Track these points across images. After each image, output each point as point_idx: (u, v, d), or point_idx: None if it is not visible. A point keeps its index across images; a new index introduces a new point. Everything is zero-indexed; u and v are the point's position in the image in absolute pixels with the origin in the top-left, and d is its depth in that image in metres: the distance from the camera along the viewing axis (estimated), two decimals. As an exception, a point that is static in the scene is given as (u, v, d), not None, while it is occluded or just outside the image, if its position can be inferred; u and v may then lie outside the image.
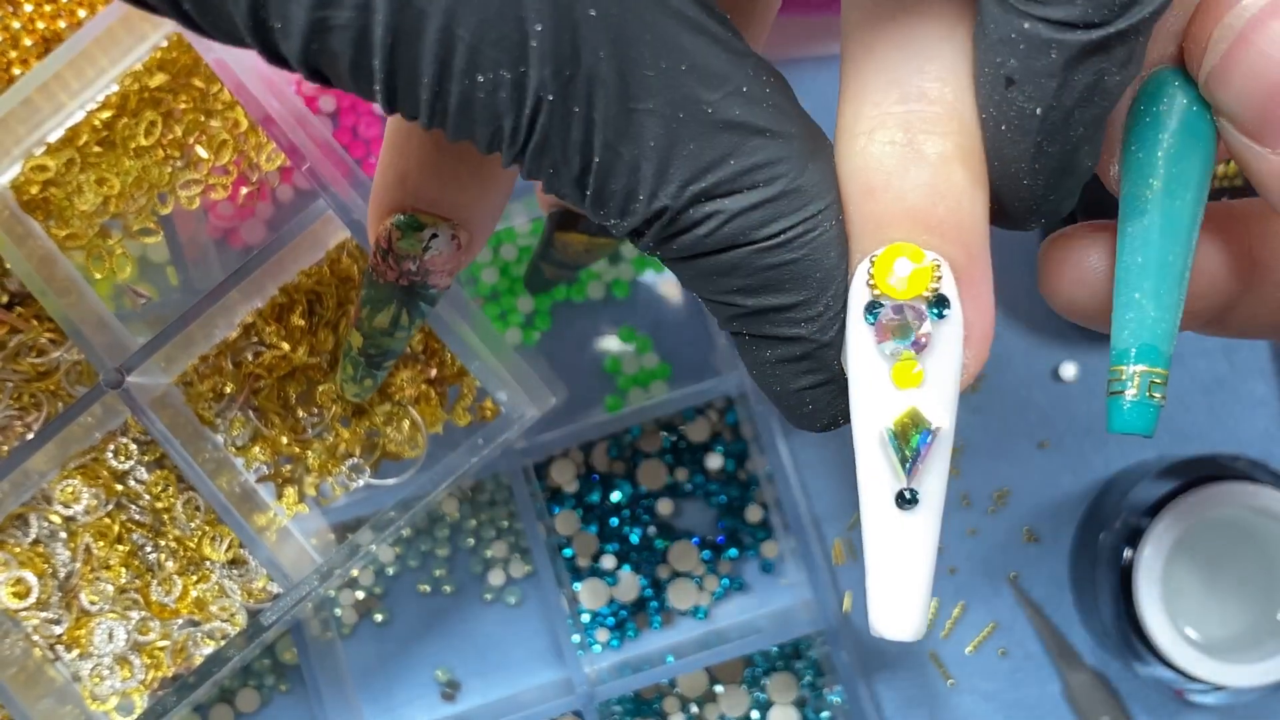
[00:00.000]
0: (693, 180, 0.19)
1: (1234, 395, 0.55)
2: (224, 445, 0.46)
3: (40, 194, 0.46)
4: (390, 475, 0.47)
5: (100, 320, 0.45)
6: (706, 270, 0.21)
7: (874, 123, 0.20)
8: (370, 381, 0.38)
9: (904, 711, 0.54)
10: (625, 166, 0.19)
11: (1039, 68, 0.19)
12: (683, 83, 0.19)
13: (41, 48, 0.46)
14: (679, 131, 0.19)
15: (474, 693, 0.55)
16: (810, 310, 0.21)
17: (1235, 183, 0.52)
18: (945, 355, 0.21)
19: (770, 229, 0.20)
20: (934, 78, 0.20)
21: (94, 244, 0.46)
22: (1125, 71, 0.19)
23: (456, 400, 0.46)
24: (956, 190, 0.20)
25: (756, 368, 0.22)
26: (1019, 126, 0.20)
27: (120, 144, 0.46)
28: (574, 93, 0.18)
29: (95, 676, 0.46)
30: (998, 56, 0.20)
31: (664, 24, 0.18)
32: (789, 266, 0.20)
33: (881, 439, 0.21)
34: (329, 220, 0.43)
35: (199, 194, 0.46)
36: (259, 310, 0.46)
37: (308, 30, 0.18)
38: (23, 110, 0.43)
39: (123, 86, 0.45)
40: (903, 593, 0.21)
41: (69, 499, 0.46)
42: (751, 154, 0.19)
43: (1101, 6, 0.18)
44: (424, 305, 0.33)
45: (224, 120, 0.46)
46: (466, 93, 0.18)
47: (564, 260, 0.46)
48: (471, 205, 0.30)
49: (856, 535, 0.55)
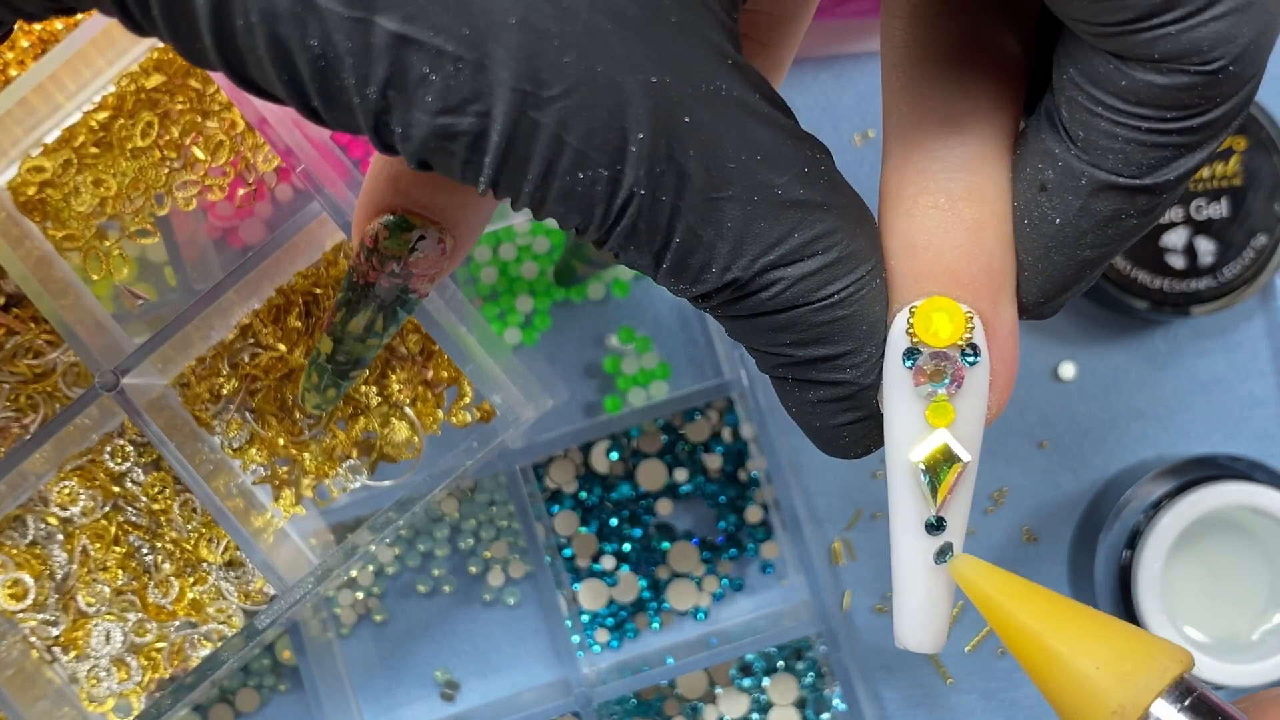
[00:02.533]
0: (763, 254, 0.21)
1: (1234, 395, 0.55)
2: (221, 447, 0.46)
3: (37, 195, 0.46)
4: (387, 477, 0.47)
5: (97, 322, 0.45)
6: (763, 327, 0.23)
7: (919, 188, 0.23)
8: (334, 392, 0.37)
9: (904, 711, 0.54)
10: (703, 246, 0.21)
11: (1069, 186, 0.22)
12: (757, 171, 0.21)
13: (38, 49, 0.46)
14: (753, 214, 0.21)
15: (473, 693, 0.55)
16: (856, 358, 0.23)
17: (1234, 182, 0.52)
18: (973, 397, 0.23)
19: (826, 290, 0.22)
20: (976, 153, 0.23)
21: (91, 245, 0.46)
22: (1143, 218, 0.22)
23: (454, 402, 0.46)
24: (989, 252, 0.23)
25: (798, 406, 0.24)
26: (1038, 227, 0.23)
27: (117, 145, 0.45)
28: (664, 186, 0.20)
29: (92, 678, 0.46)
30: (1039, 162, 0.22)
31: (745, 123, 0.20)
32: (840, 321, 0.22)
33: (914, 471, 0.23)
34: (326, 221, 0.42)
35: (196, 195, 0.46)
36: (256, 312, 0.45)
37: (428, 135, 0.20)
38: (19, 111, 0.43)
39: (119, 87, 0.45)
40: (928, 610, 0.23)
41: (66, 500, 0.46)
42: (813, 226, 0.21)
43: (1131, 164, 0.21)
44: (400, 313, 0.33)
45: (221, 121, 0.46)
46: (566, 188, 0.20)
47: (596, 258, 0.47)
48: (461, 211, 0.30)
49: (856, 535, 0.55)
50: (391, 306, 0.33)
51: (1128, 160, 0.21)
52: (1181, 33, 0.19)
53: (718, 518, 0.55)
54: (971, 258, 0.23)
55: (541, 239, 0.54)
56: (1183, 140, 0.21)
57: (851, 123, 0.55)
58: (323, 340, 0.35)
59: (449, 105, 0.19)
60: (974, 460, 0.23)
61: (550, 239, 0.54)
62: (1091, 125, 0.21)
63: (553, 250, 0.54)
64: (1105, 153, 0.21)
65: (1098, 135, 0.21)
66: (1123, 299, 0.52)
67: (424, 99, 0.19)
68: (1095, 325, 0.55)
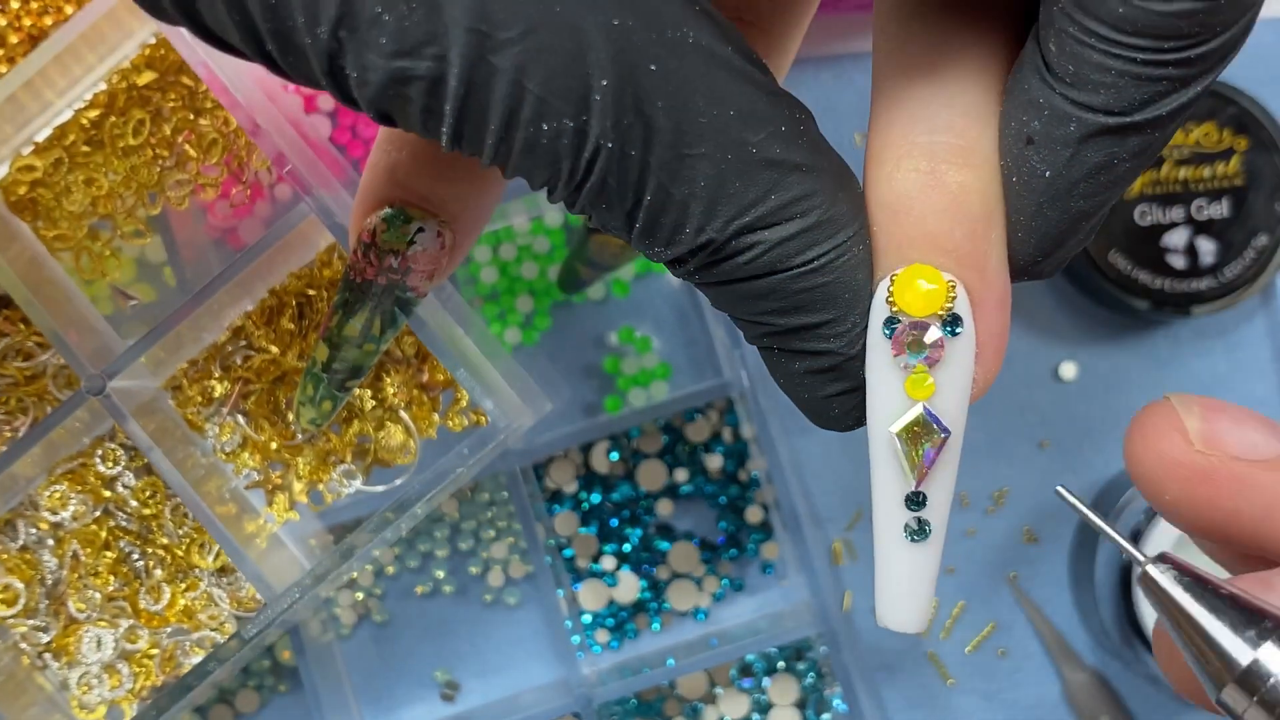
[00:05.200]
0: (738, 216, 0.21)
1: (1234, 395, 0.55)
2: (213, 451, 0.46)
3: (28, 194, 0.45)
4: (381, 481, 0.47)
5: (88, 324, 0.45)
6: (742, 294, 0.22)
7: (901, 151, 0.22)
8: (330, 405, 0.36)
9: (904, 711, 0.54)
10: (675, 204, 0.20)
11: (1057, 135, 0.21)
12: (730, 127, 0.20)
13: (28, 45, 0.45)
14: (726, 172, 0.20)
15: (473, 693, 0.55)
16: (839, 327, 0.22)
17: (1235, 183, 0.52)
18: (957, 369, 0.22)
19: (805, 255, 0.21)
20: (961, 113, 0.22)
21: (83, 245, 0.46)
22: (1135, 161, 0.21)
23: (450, 405, 0.45)
24: (974, 218, 0.22)
25: (785, 377, 0.24)
26: (1027, 183, 0.22)
27: (109, 143, 0.45)
28: (631, 139, 0.20)
29: (83, 685, 0.46)
30: (1024, 115, 0.21)
31: (715, 75, 0.20)
32: (821, 288, 0.22)
33: (893, 444, 0.22)
34: (318, 221, 0.42)
35: (188, 194, 0.45)
36: (248, 313, 0.45)
37: (384, 80, 0.19)
38: (9, 108, 0.43)
39: (111, 85, 0.45)
40: (909, 589, 0.23)
41: (56, 505, 0.46)
42: (790, 188, 0.21)
43: (1123, 99, 0.20)
44: (399, 315, 0.32)
45: (213, 119, 0.45)
46: (530, 139, 0.20)
47: (599, 261, 0.46)
48: (462, 203, 0.30)
49: (856, 536, 0.55)
50: (389, 308, 0.32)
51: (1120, 95, 0.20)
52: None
53: (718, 518, 0.55)
54: (955, 223, 0.22)
55: (541, 239, 0.54)
56: (1179, 73, 0.20)
57: (852, 121, 0.55)
58: (318, 348, 0.34)
59: (403, 47, 0.19)
60: (957, 435, 0.23)
61: (550, 239, 0.54)
62: (1082, 58, 0.20)
63: (553, 250, 0.54)
64: (1096, 88, 0.20)
65: (1089, 69, 0.20)
66: (1123, 299, 0.52)
67: (377, 40, 0.19)
68: (1095, 325, 0.55)
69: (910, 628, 0.24)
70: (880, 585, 0.23)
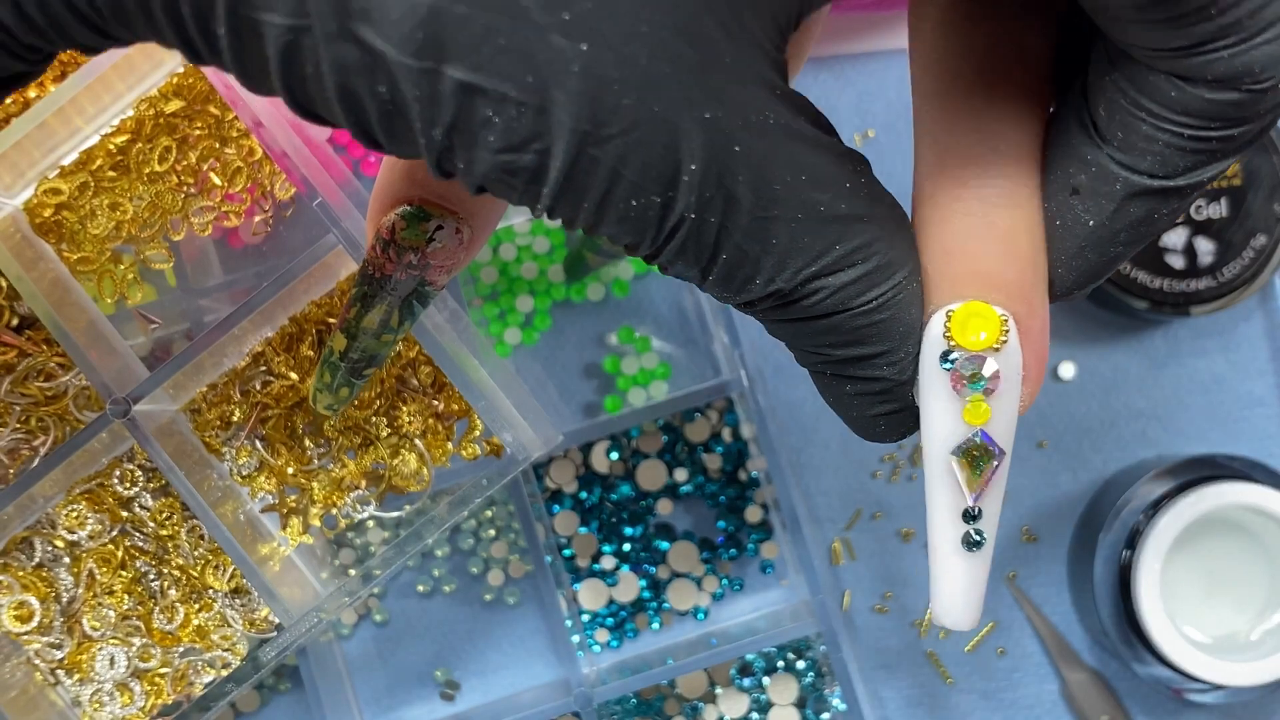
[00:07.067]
0: (805, 266, 0.22)
1: (1234, 395, 0.55)
2: (230, 474, 0.46)
3: (53, 217, 0.45)
4: (395, 508, 0.47)
5: (110, 346, 0.45)
6: (804, 331, 0.24)
7: (952, 195, 0.24)
8: (346, 391, 0.36)
9: (903, 710, 0.54)
10: (750, 261, 0.22)
11: (1102, 190, 0.23)
12: (802, 190, 0.22)
13: (58, 71, 0.46)
14: (797, 230, 0.22)
15: (473, 693, 0.55)
16: (893, 357, 0.24)
17: (1233, 183, 0.52)
18: (1008, 394, 0.24)
19: (866, 297, 0.23)
20: (1007, 157, 0.23)
21: (106, 268, 0.46)
22: (1173, 215, 0.23)
23: (464, 434, 0.46)
24: (1022, 257, 0.24)
25: (835, 397, 0.25)
26: (1070, 228, 0.24)
27: (134, 169, 0.45)
28: (713, 209, 0.21)
29: (95, 702, 0.46)
30: (1071, 167, 0.23)
31: (792, 148, 0.21)
32: (878, 324, 0.23)
33: (952, 467, 0.24)
34: (341, 252, 0.42)
35: (212, 220, 0.46)
36: (269, 340, 0.45)
37: (489, 171, 0.21)
38: (39, 134, 0.43)
39: (138, 111, 0.45)
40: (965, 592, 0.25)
41: (74, 524, 0.46)
42: (854, 238, 0.22)
43: (1167, 166, 0.22)
44: (417, 306, 0.33)
45: (239, 147, 0.46)
46: (620, 214, 0.21)
47: (607, 249, 0.46)
48: (478, 201, 0.30)
49: (856, 536, 0.55)
50: (408, 300, 0.33)
51: (1165, 163, 0.22)
52: (1235, 57, 0.20)
53: (718, 518, 0.55)
54: (1006, 263, 0.23)
55: (541, 239, 0.54)
56: (1221, 147, 0.22)
57: (852, 122, 0.55)
58: (335, 337, 0.35)
59: (511, 144, 0.20)
60: (1008, 453, 0.24)
61: (550, 239, 0.54)
62: (1131, 127, 0.22)
63: (553, 250, 0.54)
64: (1143, 154, 0.22)
65: (1137, 137, 0.22)
66: (1122, 299, 0.52)
67: (486, 139, 0.20)
68: (1095, 325, 0.55)
69: (967, 626, 0.25)
70: (937, 591, 0.25)
